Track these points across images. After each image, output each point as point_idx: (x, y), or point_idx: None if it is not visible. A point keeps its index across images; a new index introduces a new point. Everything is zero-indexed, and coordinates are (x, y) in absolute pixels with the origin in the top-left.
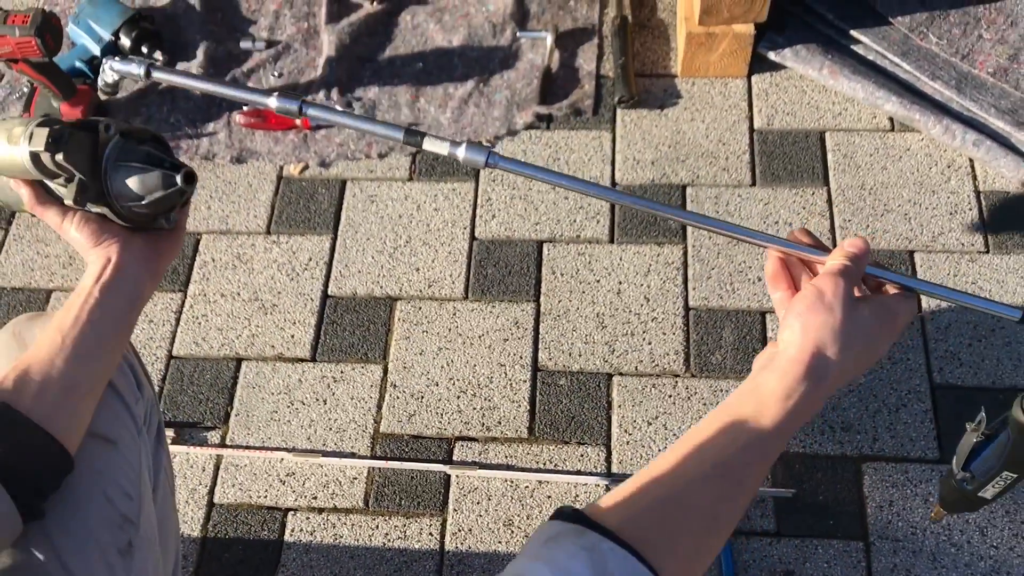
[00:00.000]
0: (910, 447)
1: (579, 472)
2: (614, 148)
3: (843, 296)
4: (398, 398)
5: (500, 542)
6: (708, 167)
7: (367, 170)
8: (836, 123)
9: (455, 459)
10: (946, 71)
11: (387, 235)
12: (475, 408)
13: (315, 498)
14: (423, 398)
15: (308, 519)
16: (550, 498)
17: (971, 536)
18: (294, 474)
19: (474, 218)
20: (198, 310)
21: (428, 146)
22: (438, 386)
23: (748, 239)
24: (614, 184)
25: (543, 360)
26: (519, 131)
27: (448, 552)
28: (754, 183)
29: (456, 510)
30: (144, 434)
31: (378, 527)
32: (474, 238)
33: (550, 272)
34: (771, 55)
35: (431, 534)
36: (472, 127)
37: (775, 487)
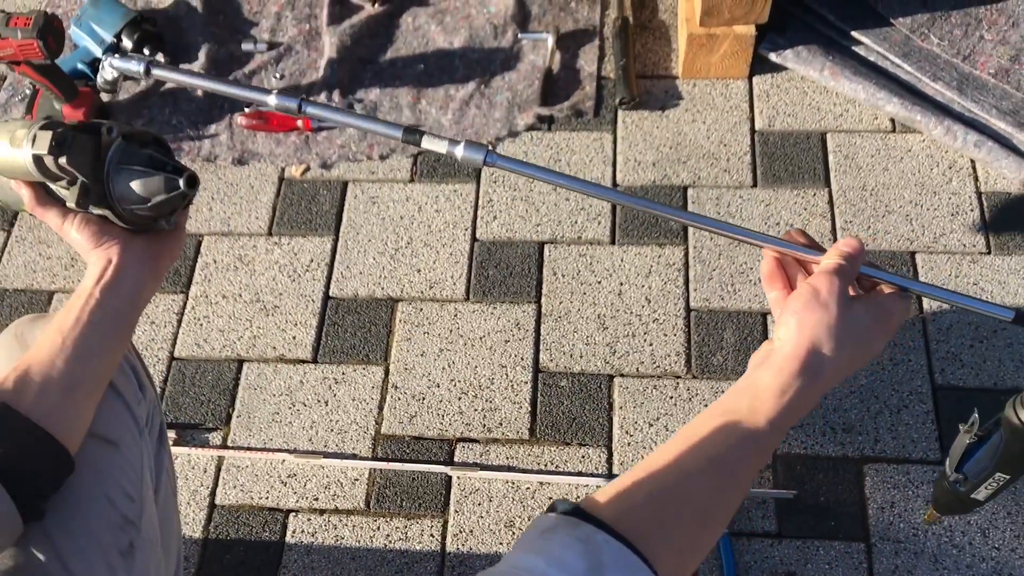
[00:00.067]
0: (912, 448)
1: (580, 473)
2: (615, 149)
3: (838, 294)
4: (399, 399)
5: (501, 543)
6: (709, 168)
7: (368, 171)
8: (837, 124)
9: (456, 460)
10: (947, 72)
11: (388, 236)
12: (476, 409)
13: (316, 499)
14: (424, 399)
15: (309, 520)
16: (551, 499)
17: (973, 537)
18: (295, 475)
19: (475, 219)
20: (200, 311)
21: (427, 144)
22: (439, 387)
23: (744, 238)
24: (615, 185)
25: (544, 361)
26: (520, 132)
27: (449, 553)
28: (755, 184)
29: (457, 511)
30: (146, 435)
31: (379, 528)
32: (475, 239)
33: (551, 273)
34: (772, 56)
35: (432, 535)
36: (473, 128)
37: (776, 488)
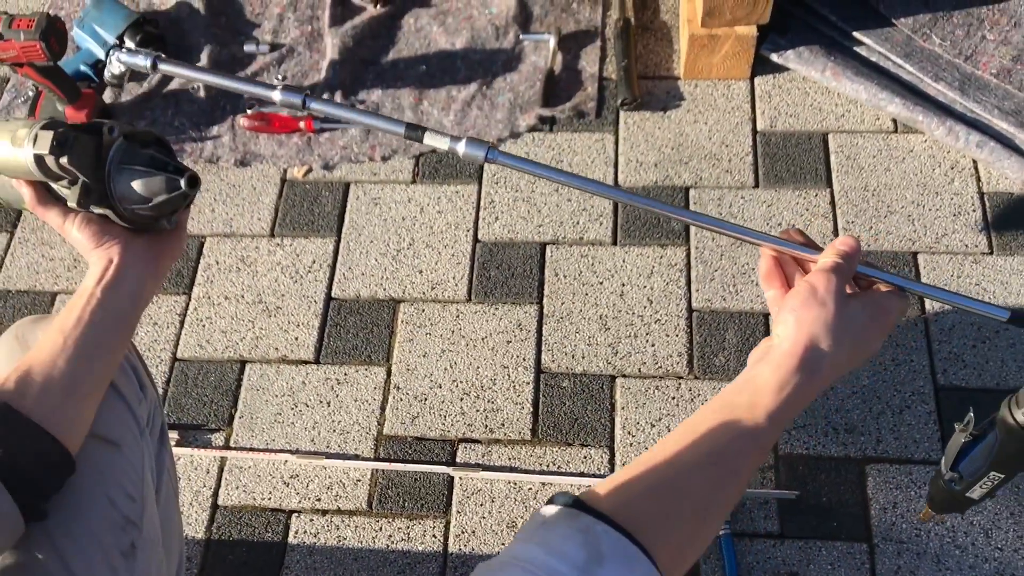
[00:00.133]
0: (914, 449)
1: (582, 474)
2: (617, 150)
3: (835, 291)
4: (401, 400)
5: (504, 544)
6: (711, 169)
7: (370, 173)
8: (839, 125)
9: (458, 461)
10: (949, 72)
11: (390, 237)
12: (478, 410)
13: (319, 500)
14: (426, 400)
15: (312, 521)
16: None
17: (976, 538)
18: (298, 476)
19: (477, 220)
20: (202, 313)
21: (429, 141)
22: (441, 388)
23: (741, 236)
24: (616, 186)
25: (546, 362)
26: (522, 133)
27: (452, 554)
28: (757, 185)
29: (459, 512)
30: (147, 436)
31: (382, 529)
32: (477, 240)
33: (553, 274)
34: (774, 57)
35: (435, 536)
36: (475, 129)
37: (779, 489)
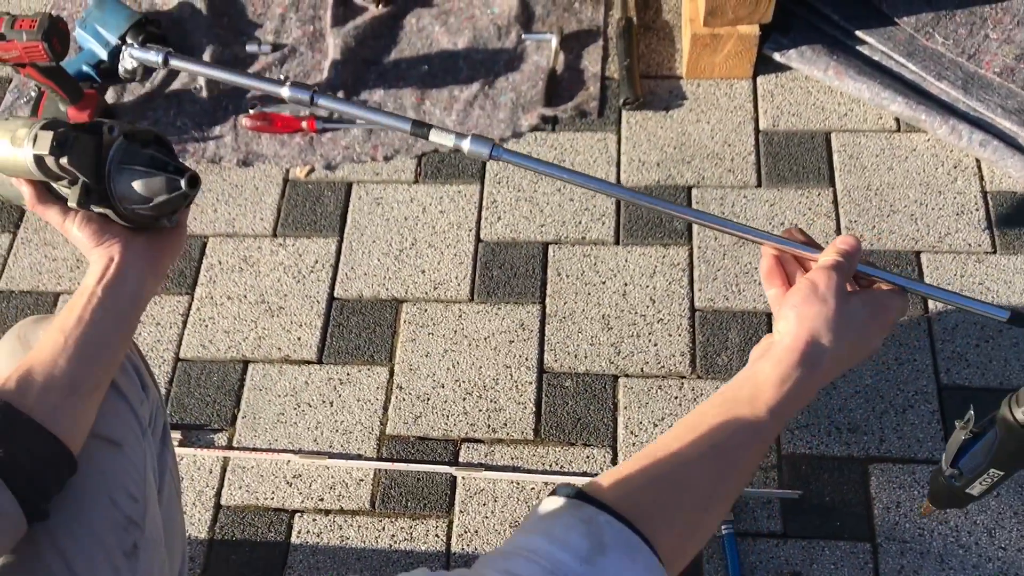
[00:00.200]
0: (917, 448)
1: (585, 474)
2: (619, 150)
3: (836, 288)
4: (404, 400)
5: None
6: (713, 168)
7: (373, 173)
8: (842, 124)
9: (461, 461)
10: (952, 71)
11: (393, 237)
12: (481, 410)
13: (322, 500)
14: (429, 400)
15: (315, 521)
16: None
17: (979, 538)
18: (301, 476)
19: (479, 220)
20: (205, 313)
21: (434, 138)
22: (444, 388)
23: (742, 235)
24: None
25: (549, 362)
26: (524, 133)
27: (455, 554)
28: (760, 184)
29: (462, 512)
30: (149, 436)
31: (384, 529)
32: (479, 240)
33: (555, 274)
34: (776, 56)
35: (437, 536)
36: (477, 129)
37: (782, 488)
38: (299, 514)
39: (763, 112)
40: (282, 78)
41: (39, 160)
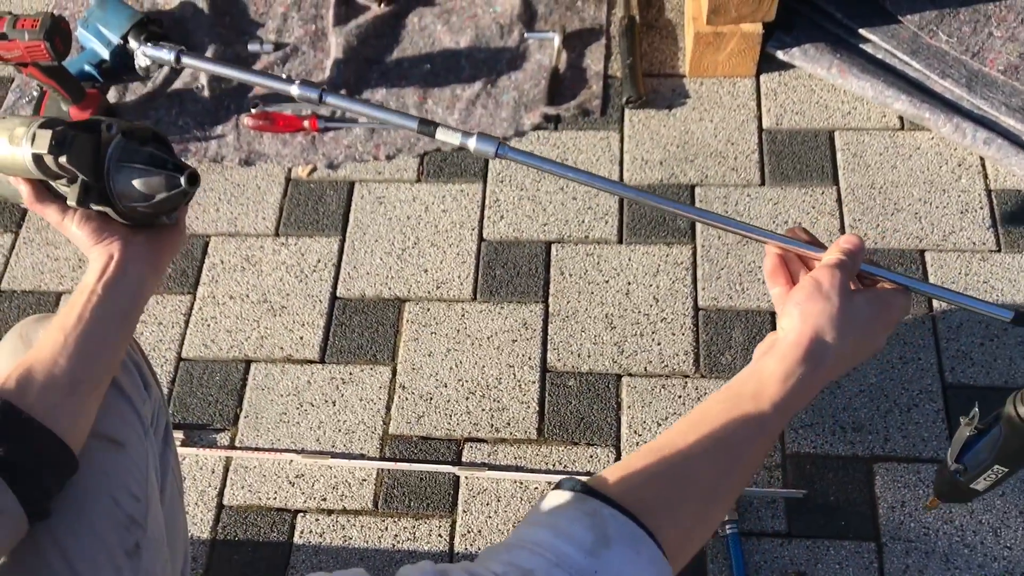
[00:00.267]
0: (922, 447)
1: (588, 473)
2: (622, 148)
3: (840, 286)
4: (407, 399)
5: None
6: (717, 167)
7: (375, 172)
8: (845, 122)
9: (464, 460)
10: (956, 69)
11: (395, 236)
12: (484, 409)
13: (324, 500)
14: (432, 399)
15: (317, 521)
16: None
17: (984, 537)
18: (303, 476)
19: (482, 219)
20: (207, 312)
21: (441, 136)
22: (447, 387)
23: (746, 234)
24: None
25: (552, 361)
26: (527, 132)
27: (457, 554)
28: (763, 183)
29: (465, 511)
30: (151, 435)
31: (387, 529)
32: (482, 239)
33: (558, 273)
34: (779, 54)
35: (440, 535)
36: (480, 128)
37: (786, 488)
38: (302, 514)
39: (766, 110)
40: (284, 77)
41: (38, 159)
